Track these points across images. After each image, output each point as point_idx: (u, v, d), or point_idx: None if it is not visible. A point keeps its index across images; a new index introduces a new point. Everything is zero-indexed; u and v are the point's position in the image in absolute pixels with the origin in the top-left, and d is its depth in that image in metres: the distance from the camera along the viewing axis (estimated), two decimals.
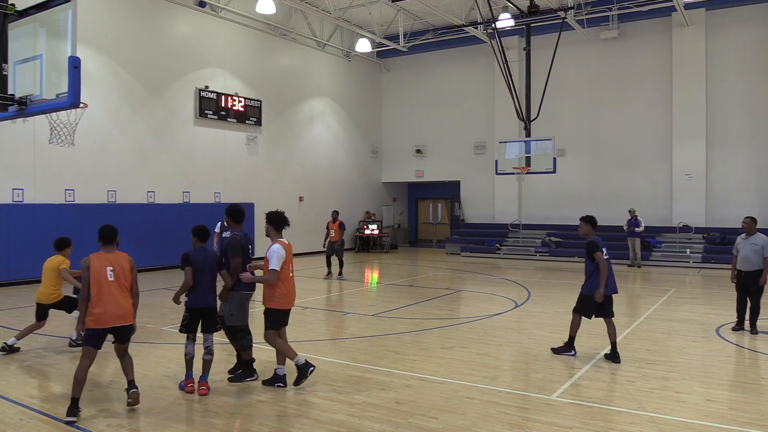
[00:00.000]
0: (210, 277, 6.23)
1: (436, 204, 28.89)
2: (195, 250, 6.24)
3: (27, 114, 5.91)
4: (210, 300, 6.25)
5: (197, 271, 6.12)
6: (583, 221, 7.78)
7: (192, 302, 6.16)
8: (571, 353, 7.64)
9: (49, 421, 5.35)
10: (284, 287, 6.25)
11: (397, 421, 5.32)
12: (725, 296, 12.61)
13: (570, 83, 22.52)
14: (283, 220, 6.40)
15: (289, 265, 6.30)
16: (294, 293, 6.45)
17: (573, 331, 7.71)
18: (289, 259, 6.27)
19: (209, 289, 6.24)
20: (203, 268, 6.16)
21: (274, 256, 6.12)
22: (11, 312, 10.81)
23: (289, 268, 6.29)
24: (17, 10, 5.93)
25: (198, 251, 6.22)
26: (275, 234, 6.37)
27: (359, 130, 26.21)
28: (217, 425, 5.29)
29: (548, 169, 17.75)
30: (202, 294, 6.17)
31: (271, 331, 6.30)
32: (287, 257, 6.23)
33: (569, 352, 7.67)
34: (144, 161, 17.26)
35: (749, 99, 19.87)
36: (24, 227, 14.37)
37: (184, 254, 6.16)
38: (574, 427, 5.16)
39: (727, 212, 19.92)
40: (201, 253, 6.23)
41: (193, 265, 6.11)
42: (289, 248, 6.30)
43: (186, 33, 18.55)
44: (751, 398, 5.97)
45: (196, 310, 6.16)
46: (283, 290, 6.24)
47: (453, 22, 21.48)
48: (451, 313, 11.00)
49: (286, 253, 6.22)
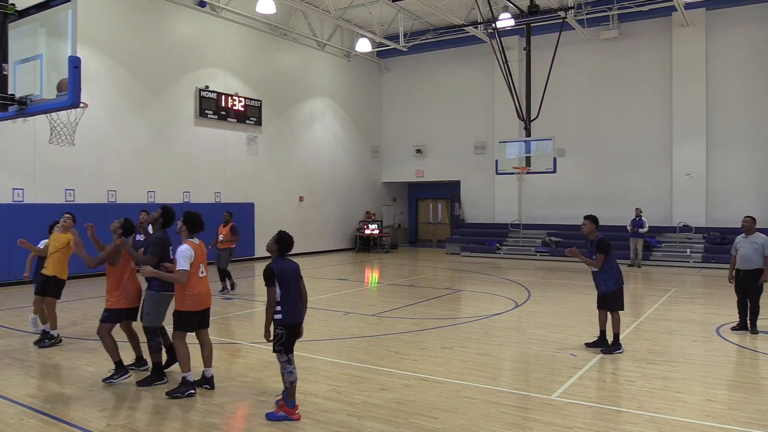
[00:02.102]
0: (299, 289, 5.51)
1: (436, 204, 28.89)
2: (278, 261, 5.46)
3: (27, 114, 5.91)
4: (302, 315, 5.55)
5: (285, 284, 5.38)
6: (586, 219, 7.99)
7: (286, 318, 5.39)
8: (620, 350, 7.74)
9: (49, 421, 5.35)
10: (194, 288, 6.01)
11: (397, 421, 5.32)
12: (725, 296, 12.61)
13: (570, 83, 22.52)
14: (198, 224, 6.19)
15: (200, 265, 6.10)
16: (206, 294, 6.19)
17: (616, 328, 7.84)
18: (199, 259, 6.09)
19: (298, 300, 5.50)
20: (287, 280, 5.40)
21: (182, 257, 5.92)
22: (11, 312, 10.82)
23: (198, 269, 6.09)
24: (17, 9, 5.93)
25: (280, 262, 5.46)
26: (187, 235, 6.13)
27: (359, 130, 26.21)
28: (217, 425, 5.29)
29: (548, 169, 17.75)
30: (293, 307, 5.42)
31: (179, 332, 6.06)
32: (197, 257, 6.05)
33: (618, 349, 7.76)
34: (144, 161, 17.27)
35: (749, 99, 19.86)
36: (24, 227, 14.35)
37: (268, 267, 5.36)
38: (574, 427, 5.16)
39: (727, 212, 19.92)
40: (282, 263, 5.46)
41: (279, 279, 5.35)
42: (198, 248, 6.12)
43: (186, 33, 18.55)
44: (751, 398, 5.97)
45: (293, 327, 5.45)
46: (192, 291, 6.00)
47: (453, 22, 21.48)
48: (451, 313, 11.00)
49: (195, 254, 6.03)
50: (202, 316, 6.22)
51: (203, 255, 6.22)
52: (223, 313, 10.80)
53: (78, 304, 11.52)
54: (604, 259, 7.78)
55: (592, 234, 7.94)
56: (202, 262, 6.17)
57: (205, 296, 6.19)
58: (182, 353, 6.04)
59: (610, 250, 7.81)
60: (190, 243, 6.07)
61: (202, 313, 6.20)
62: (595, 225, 7.95)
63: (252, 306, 11.77)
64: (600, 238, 7.87)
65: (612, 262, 7.85)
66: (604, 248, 7.78)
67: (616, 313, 7.88)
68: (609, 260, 7.83)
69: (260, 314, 10.95)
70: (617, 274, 7.86)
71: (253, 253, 20.28)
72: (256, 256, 20.39)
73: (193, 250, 6.02)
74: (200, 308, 6.13)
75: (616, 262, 7.98)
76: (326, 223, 24.17)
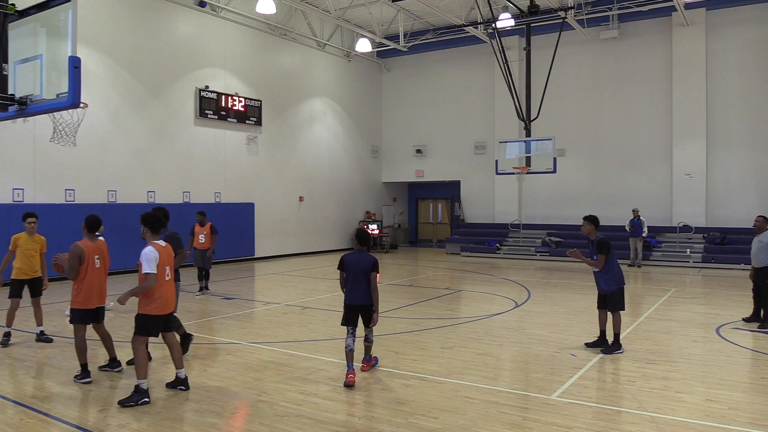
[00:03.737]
0: (359, 279, 6.52)
1: (436, 204, 28.89)
2: (350, 254, 6.68)
3: (27, 114, 5.92)
4: (360, 298, 6.55)
5: (348, 272, 6.58)
6: (586, 220, 8.03)
7: (346, 299, 6.63)
8: (620, 351, 7.78)
9: (49, 421, 5.35)
10: (159, 292, 5.85)
11: (397, 421, 5.32)
12: (725, 296, 12.62)
13: (570, 83, 22.52)
14: (158, 222, 6.02)
15: (165, 268, 5.93)
16: (171, 298, 6.06)
17: (616, 328, 7.88)
18: (165, 261, 5.92)
19: (360, 288, 6.54)
20: (353, 270, 6.55)
21: (146, 259, 5.76)
22: None
23: (165, 272, 5.92)
24: (17, 10, 5.93)
25: (352, 254, 6.66)
26: (150, 236, 5.98)
27: (359, 130, 26.21)
28: (217, 425, 5.29)
29: (548, 169, 17.76)
30: (352, 292, 6.57)
31: (141, 337, 5.88)
32: (162, 260, 5.87)
33: (619, 349, 7.80)
34: (144, 161, 17.27)
35: (749, 99, 19.87)
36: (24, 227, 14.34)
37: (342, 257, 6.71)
38: (574, 427, 5.16)
39: (727, 212, 19.93)
40: (354, 256, 6.63)
41: (345, 268, 6.61)
42: (164, 251, 5.95)
43: (186, 33, 18.55)
44: (751, 398, 5.97)
45: (350, 307, 6.60)
46: (158, 295, 5.84)
47: (453, 22, 21.49)
48: (451, 313, 11.00)
49: (161, 256, 5.87)
50: (165, 320, 6.06)
51: (169, 257, 6.05)
52: (222, 313, 10.81)
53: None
54: (605, 259, 7.81)
55: (592, 234, 7.97)
56: (168, 265, 6.00)
57: (170, 300, 6.05)
58: (140, 360, 5.83)
59: (610, 250, 7.84)
60: (155, 245, 5.89)
61: (166, 317, 6.05)
62: (594, 225, 7.98)
63: (252, 306, 11.77)
64: (600, 238, 7.90)
65: (613, 263, 7.89)
66: (605, 249, 7.81)
67: (617, 314, 7.90)
68: (610, 260, 7.86)
69: (260, 314, 10.96)
70: (618, 275, 7.89)
71: (253, 254, 20.29)
72: (256, 256, 20.40)
73: (158, 252, 5.85)
74: (165, 312, 5.96)
75: (617, 262, 8.03)
76: (326, 223, 24.17)
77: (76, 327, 6.53)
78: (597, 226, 7.99)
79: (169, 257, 6.07)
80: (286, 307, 11.54)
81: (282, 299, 12.40)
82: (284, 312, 11.08)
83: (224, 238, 19.15)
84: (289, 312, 11.04)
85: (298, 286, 14.26)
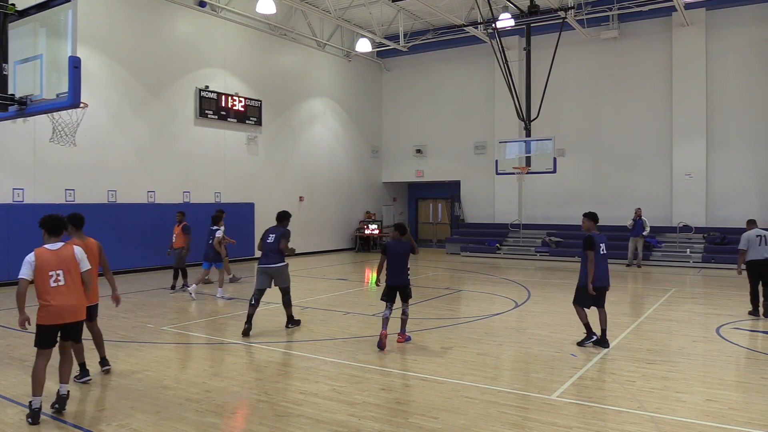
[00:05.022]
0: (399, 262, 8.06)
1: (436, 204, 28.88)
2: (391, 241, 8.18)
3: (27, 114, 5.92)
4: (400, 279, 8.09)
5: (389, 256, 8.05)
6: (585, 217, 8.33)
7: (388, 280, 8.11)
8: (592, 339, 8.07)
9: (49, 421, 5.35)
10: (46, 300, 5.34)
11: (397, 421, 5.32)
12: (725, 296, 12.62)
13: (570, 83, 22.52)
14: (53, 227, 5.59)
15: (52, 273, 5.37)
16: (63, 306, 5.39)
17: (583, 320, 8.17)
18: (51, 266, 5.38)
19: (400, 271, 8.08)
20: (394, 255, 8.05)
21: (23, 265, 5.35)
22: (11, 312, 10.80)
23: (48, 278, 5.34)
24: (17, 10, 5.94)
25: (393, 242, 8.15)
26: (45, 239, 5.59)
27: (359, 130, 26.21)
28: (217, 425, 5.29)
29: (548, 169, 17.76)
30: (392, 274, 8.08)
31: (38, 349, 5.43)
32: (44, 265, 5.35)
33: (590, 339, 8.09)
34: (144, 161, 17.27)
35: (749, 99, 19.87)
36: (24, 227, 14.37)
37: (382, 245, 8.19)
38: (574, 427, 5.16)
39: (727, 212, 19.93)
40: (395, 243, 8.13)
41: (387, 253, 8.09)
42: (51, 255, 5.43)
43: (186, 33, 18.55)
44: (751, 398, 5.96)
45: (391, 287, 8.07)
46: (46, 302, 5.34)
47: (453, 22, 21.48)
48: (451, 313, 10.99)
49: (41, 261, 5.36)
50: (66, 331, 5.55)
51: (62, 262, 5.47)
52: (222, 313, 10.81)
53: None
54: (591, 255, 7.96)
55: (590, 231, 8.16)
56: (61, 269, 5.43)
57: (66, 309, 5.41)
58: (36, 373, 5.34)
59: (590, 247, 7.97)
60: (39, 250, 5.45)
61: (65, 327, 5.51)
62: (592, 222, 8.21)
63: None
64: (584, 236, 8.15)
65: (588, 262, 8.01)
66: (585, 245, 8.03)
67: (576, 306, 8.19)
68: (585, 257, 8.04)
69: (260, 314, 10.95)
70: (596, 274, 7.97)
71: (253, 254, 20.28)
72: (256, 256, 20.38)
73: (35, 257, 5.36)
74: (54, 322, 5.39)
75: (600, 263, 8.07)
76: (326, 223, 24.17)
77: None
78: (596, 222, 8.23)
79: (65, 262, 5.48)
80: None
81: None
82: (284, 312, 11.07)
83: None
84: None
85: (298, 286, 14.27)
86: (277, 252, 9.00)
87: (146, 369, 6.96)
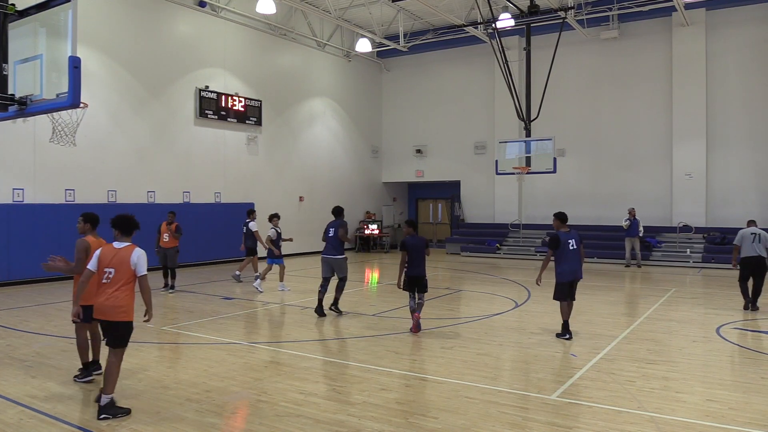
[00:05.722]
0: (420, 255, 8.88)
1: (436, 204, 28.88)
2: (408, 238, 9.00)
3: (27, 114, 5.92)
4: (421, 270, 8.91)
5: (411, 251, 8.81)
6: (554, 216, 8.94)
7: (409, 272, 8.84)
8: (566, 337, 8.52)
9: (49, 421, 5.35)
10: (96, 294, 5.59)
11: (397, 421, 5.32)
12: (725, 296, 12.62)
13: (570, 83, 22.52)
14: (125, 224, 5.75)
15: (105, 270, 5.56)
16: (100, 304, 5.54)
17: (564, 316, 8.67)
18: (104, 263, 5.58)
19: (420, 263, 8.87)
20: (415, 249, 8.84)
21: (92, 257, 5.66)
22: (11, 312, 10.80)
23: (102, 274, 5.57)
24: (17, 10, 5.94)
25: (410, 237, 8.99)
26: (118, 238, 5.74)
27: (359, 130, 26.20)
28: (217, 425, 5.29)
29: (548, 169, 17.76)
30: (415, 266, 8.86)
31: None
32: (102, 261, 5.58)
33: (564, 336, 8.55)
34: (144, 161, 17.27)
35: (749, 99, 19.87)
36: (24, 227, 14.38)
37: (401, 241, 9.06)
38: (574, 427, 5.16)
39: (727, 212, 19.93)
40: (413, 239, 8.95)
41: (408, 248, 8.82)
42: (110, 252, 5.61)
43: (186, 33, 18.55)
44: (751, 398, 5.96)
45: (412, 278, 8.85)
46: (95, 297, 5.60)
47: (453, 22, 21.48)
48: (451, 313, 11.00)
49: (101, 256, 5.59)
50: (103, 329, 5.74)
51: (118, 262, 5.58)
52: (223, 313, 10.80)
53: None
54: (550, 253, 8.73)
55: (560, 229, 8.74)
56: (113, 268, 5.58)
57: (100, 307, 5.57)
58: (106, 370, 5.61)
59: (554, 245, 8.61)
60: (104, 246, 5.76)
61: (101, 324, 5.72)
62: (559, 221, 8.78)
63: (253, 306, 11.77)
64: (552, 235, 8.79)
65: (561, 257, 8.61)
66: (548, 244, 8.81)
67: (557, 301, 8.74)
68: (558, 255, 8.64)
69: (260, 314, 10.97)
70: (560, 270, 8.61)
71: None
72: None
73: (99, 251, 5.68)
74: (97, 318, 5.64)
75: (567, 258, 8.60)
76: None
77: (79, 326, 6.52)
78: (564, 221, 8.78)
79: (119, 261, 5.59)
80: (286, 307, 11.54)
81: (282, 299, 12.40)
82: (284, 312, 11.09)
83: (224, 238, 19.20)
84: (289, 312, 11.04)
85: (298, 286, 14.27)
86: (338, 245, 10.43)
87: (146, 369, 6.95)
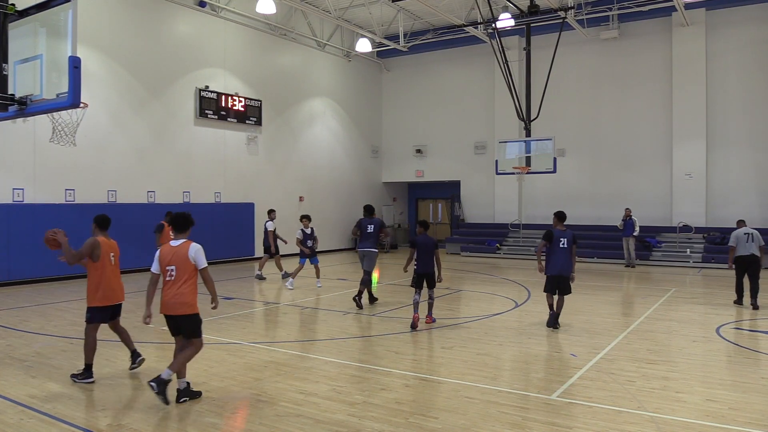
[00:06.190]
0: (428, 253, 9.28)
1: (436, 204, 28.89)
2: (419, 236, 9.32)
3: (27, 114, 5.92)
4: (429, 268, 9.32)
5: (420, 249, 9.25)
6: (554, 215, 9.48)
7: (418, 269, 9.32)
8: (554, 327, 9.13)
9: (49, 421, 5.35)
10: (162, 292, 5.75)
11: (397, 421, 5.32)
12: (725, 296, 12.61)
13: (570, 83, 22.52)
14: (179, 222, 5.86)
15: (167, 269, 5.74)
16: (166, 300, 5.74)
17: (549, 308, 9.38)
18: (165, 261, 5.74)
19: (429, 261, 9.28)
20: (424, 248, 9.25)
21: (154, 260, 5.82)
22: (11, 312, 10.80)
23: (165, 273, 5.75)
24: (17, 10, 5.94)
25: (421, 236, 9.31)
26: (175, 236, 5.89)
27: (359, 130, 26.21)
28: (217, 425, 5.29)
29: (548, 169, 17.76)
30: (423, 264, 9.27)
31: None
32: (163, 259, 5.75)
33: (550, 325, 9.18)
34: (144, 161, 17.27)
35: (749, 99, 19.87)
36: (24, 227, 14.38)
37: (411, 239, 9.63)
38: (574, 427, 5.16)
39: (727, 212, 19.91)
40: (423, 237, 9.30)
41: (417, 246, 9.26)
42: (169, 251, 5.75)
43: (186, 33, 18.55)
44: (751, 398, 5.96)
45: (421, 275, 9.28)
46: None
47: (453, 22, 21.49)
48: (451, 313, 10.99)
49: (161, 255, 5.76)
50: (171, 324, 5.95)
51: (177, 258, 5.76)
52: (223, 313, 10.80)
53: (78, 304, 11.50)
54: (543, 244, 9.35)
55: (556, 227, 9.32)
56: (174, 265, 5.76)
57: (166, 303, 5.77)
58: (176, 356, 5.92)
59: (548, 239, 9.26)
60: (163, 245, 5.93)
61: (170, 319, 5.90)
62: (557, 219, 9.38)
63: (252, 306, 11.77)
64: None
65: (550, 252, 9.28)
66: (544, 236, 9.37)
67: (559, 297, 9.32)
68: (548, 249, 9.29)
69: (260, 314, 10.97)
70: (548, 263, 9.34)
71: (253, 254, 20.28)
72: (256, 256, 20.37)
73: (158, 252, 5.85)
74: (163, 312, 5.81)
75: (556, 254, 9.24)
76: (326, 223, 24.13)
77: (90, 326, 6.51)
78: (561, 220, 9.35)
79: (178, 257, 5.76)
80: (286, 307, 11.55)
81: (282, 299, 12.40)
82: (284, 312, 11.09)
83: (224, 238, 19.21)
84: (289, 312, 11.04)
85: (299, 286, 14.26)
86: (375, 240, 11.21)
87: (146, 369, 6.95)
